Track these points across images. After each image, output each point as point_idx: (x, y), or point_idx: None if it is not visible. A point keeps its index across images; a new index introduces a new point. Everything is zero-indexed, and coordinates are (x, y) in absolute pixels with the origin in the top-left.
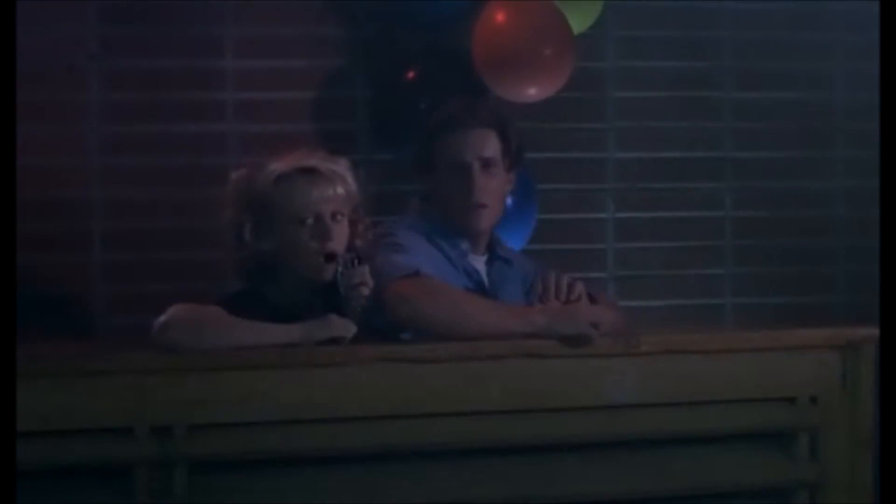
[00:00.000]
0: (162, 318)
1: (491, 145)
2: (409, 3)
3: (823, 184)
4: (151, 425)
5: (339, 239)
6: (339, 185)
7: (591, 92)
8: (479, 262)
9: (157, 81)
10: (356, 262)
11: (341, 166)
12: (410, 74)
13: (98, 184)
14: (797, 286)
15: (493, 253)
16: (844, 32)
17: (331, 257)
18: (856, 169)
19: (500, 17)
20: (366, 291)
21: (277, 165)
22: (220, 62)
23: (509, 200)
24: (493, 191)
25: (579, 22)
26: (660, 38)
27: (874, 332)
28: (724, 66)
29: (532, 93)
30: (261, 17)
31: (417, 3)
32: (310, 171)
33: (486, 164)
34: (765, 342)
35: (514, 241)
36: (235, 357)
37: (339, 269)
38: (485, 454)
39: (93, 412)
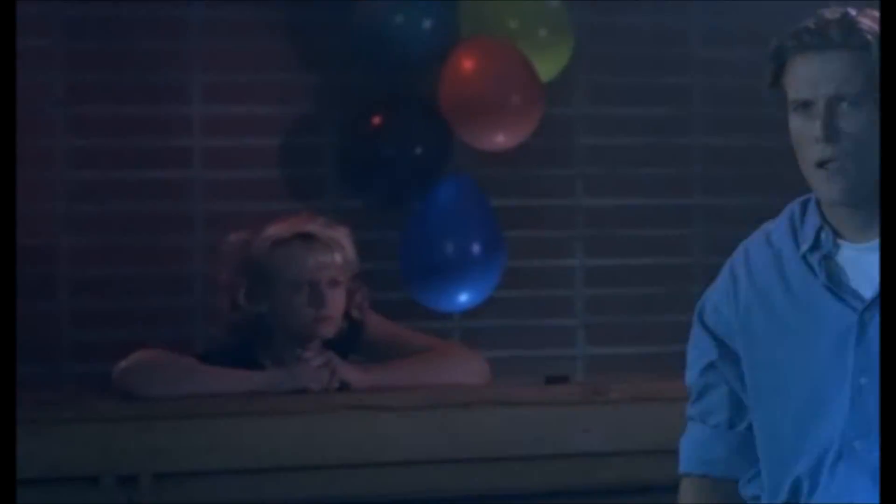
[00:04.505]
0: (123, 363)
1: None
2: (377, 49)
3: None
4: (117, 474)
5: (335, 305)
6: (337, 252)
7: (559, 138)
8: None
9: (123, 127)
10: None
11: (340, 234)
12: (378, 121)
13: (64, 229)
14: None
15: None
16: None
17: (327, 322)
18: None
19: (467, 63)
20: (325, 375)
21: (275, 230)
22: (187, 108)
23: (477, 248)
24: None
25: (547, 69)
26: (628, 84)
27: None
28: (694, 111)
29: (500, 140)
30: (228, 63)
31: (385, 49)
32: (308, 237)
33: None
34: None
35: (480, 290)
36: (201, 405)
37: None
38: (453, 503)
39: (59, 461)
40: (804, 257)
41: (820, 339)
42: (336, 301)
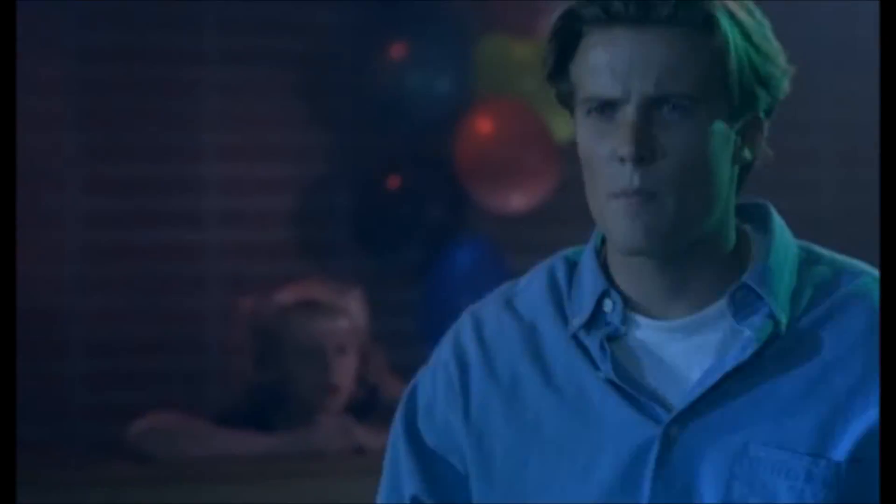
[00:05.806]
0: (137, 425)
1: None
2: (392, 110)
3: None
4: None
5: (343, 373)
6: (342, 318)
7: (575, 199)
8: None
9: (136, 188)
10: None
11: (349, 298)
12: (394, 182)
13: (76, 291)
14: None
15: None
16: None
17: (334, 390)
18: None
19: (483, 125)
20: (340, 438)
21: (282, 297)
22: (200, 168)
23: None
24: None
25: (563, 129)
26: None
27: None
28: None
29: (516, 201)
30: (242, 124)
31: (401, 110)
32: (313, 305)
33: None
34: None
35: None
36: (215, 468)
37: None
38: None
39: None
40: (576, 337)
41: (597, 462)
42: (344, 369)
